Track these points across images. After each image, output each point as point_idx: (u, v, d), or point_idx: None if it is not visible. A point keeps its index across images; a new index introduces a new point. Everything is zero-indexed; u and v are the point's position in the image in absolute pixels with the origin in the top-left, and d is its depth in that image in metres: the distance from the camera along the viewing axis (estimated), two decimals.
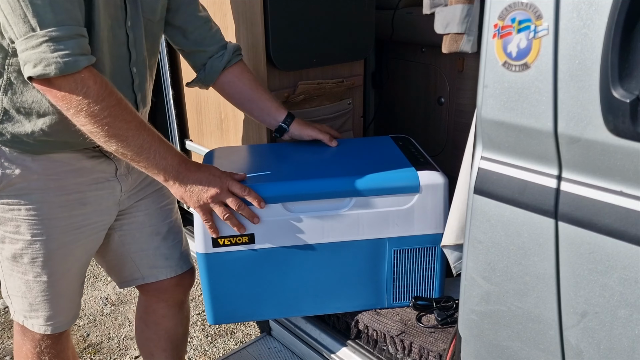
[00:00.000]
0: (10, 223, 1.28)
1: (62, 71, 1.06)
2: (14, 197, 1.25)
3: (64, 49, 1.06)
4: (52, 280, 1.34)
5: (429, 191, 1.38)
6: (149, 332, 1.66)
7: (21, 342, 1.46)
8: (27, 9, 1.03)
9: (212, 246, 1.37)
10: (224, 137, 2.00)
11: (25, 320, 1.40)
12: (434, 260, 1.46)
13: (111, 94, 1.13)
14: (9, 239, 1.30)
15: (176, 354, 1.69)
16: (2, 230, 1.29)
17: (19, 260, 1.31)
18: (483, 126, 0.96)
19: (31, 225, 1.28)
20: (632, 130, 0.76)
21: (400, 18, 2.17)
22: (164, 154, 1.20)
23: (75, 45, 1.07)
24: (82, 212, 1.33)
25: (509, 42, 0.87)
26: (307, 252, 1.41)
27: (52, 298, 1.36)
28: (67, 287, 1.40)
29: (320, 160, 1.50)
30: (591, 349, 0.90)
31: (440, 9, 1.41)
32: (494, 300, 1.02)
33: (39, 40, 1.05)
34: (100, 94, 1.10)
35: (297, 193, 1.36)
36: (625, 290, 0.83)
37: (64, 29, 1.06)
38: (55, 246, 1.31)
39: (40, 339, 1.42)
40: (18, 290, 1.36)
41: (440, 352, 1.37)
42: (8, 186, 1.24)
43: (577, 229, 0.86)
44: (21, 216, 1.27)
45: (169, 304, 1.60)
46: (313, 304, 1.49)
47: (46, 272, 1.33)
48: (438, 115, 2.20)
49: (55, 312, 1.39)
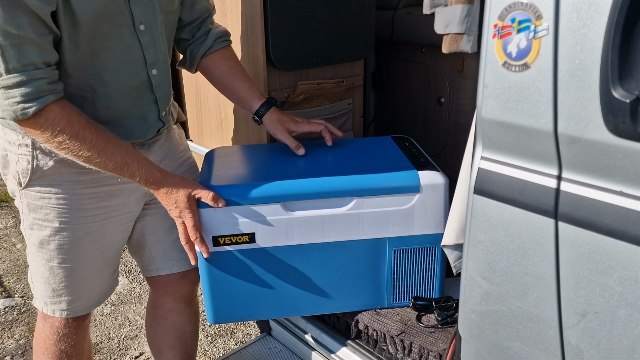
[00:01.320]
0: (40, 210, 1.33)
1: (12, 119, 1.15)
2: (46, 186, 1.31)
3: (12, 97, 1.13)
4: (76, 266, 1.39)
5: (430, 191, 1.39)
6: (157, 327, 1.67)
7: (41, 328, 1.50)
8: None
9: (212, 245, 1.38)
10: (224, 137, 2.00)
11: (45, 306, 1.44)
12: (434, 260, 1.46)
13: (68, 126, 1.18)
14: (37, 226, 1.35)
15: (185, 352, 1.69)
16: (31, 217, 1.35)
17: (45, 247, 1.36)
18: (483, 126, 0.96)
19: (60, 214, 1.33)
20: (632, 130, 0.76)
21: (400, 18, 2.16)
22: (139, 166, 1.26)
23: (25, 91, 1.12)
24: (110, 204, 1.39)
25: (509, 42, 0.87)
26: (307, 251, 1.41)
27: (75, 284, 1.41)
28: (91, 274, 1.43)
29: (320, 160, 1.50)
30: (591, 349, 0.90)
31: (440, 9, 1.41)
32: (494, 300, 1.02)
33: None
34: (54, 130, 1.17)
35: (298, 192, 1.36)
36: (625, 290, 0.83)
37: (13, 78, 1.11)
38: (81, 234, 1.36)
39: (60, 326, 1.47)
40: (41, 276, 1.40)
41: (440, 352, 1.37)
42: (41, 177, 1.30)
43: (577, 229, 0.86)
44: (51, 204, 1.32)
45: (175, 298, 1.62)
46: (313, 303, 1.49)
47: (71, 258, 1.37)
48: (438, 116, 2.19)
49: (77, 297, 1.43)
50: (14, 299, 2.61)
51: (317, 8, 1.75)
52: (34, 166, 1.29)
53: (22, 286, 2.71)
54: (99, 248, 1.41)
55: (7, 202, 3.58)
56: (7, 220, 3.34)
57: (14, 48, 1.09)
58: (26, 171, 1.30)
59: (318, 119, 1.61)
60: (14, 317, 2.47)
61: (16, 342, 2.30)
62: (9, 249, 3.04)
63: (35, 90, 1.13)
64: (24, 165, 1.30)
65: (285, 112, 1.57)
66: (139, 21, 1.28)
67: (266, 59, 1.71)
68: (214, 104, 2.00)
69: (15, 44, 1.09)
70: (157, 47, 1.34)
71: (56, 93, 1.17)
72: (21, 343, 2.30)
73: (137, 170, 1.26)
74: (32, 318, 2.46)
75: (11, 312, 2.50)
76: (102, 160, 1.22)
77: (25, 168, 1.30)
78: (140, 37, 1.29)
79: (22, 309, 2.53)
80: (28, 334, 2.35)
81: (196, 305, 1.71)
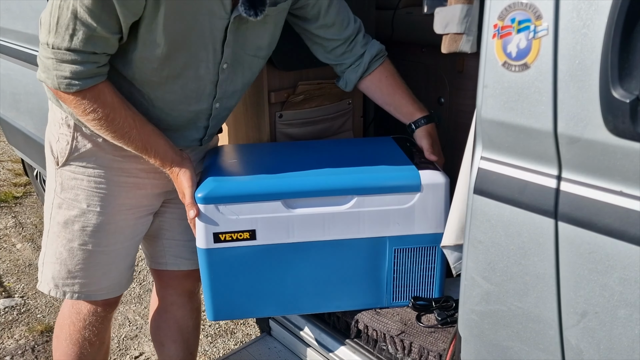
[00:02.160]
0: (72, 191, 1.38)
1: (54, 88, 1.19)
2: (81, 167, 1.37)
3: (62, 70, 1.16)
4: (96, 251, 1.42)
5: (430, 190, 1.39)
6: (159, 321, 1.69)
7: (67, 314, 1.53)
8: (54, 22, 1.13)
9: (213, 242, 1.38)
10: (224, 137, 2.00)
11: (55, 288, 1.45)
12: (434, 260, 1.46)
13: (101, 108, 1.22)
14: (66, 205, 1.39)
15: (186, 347, 1.70)
16: (62, 196, 1.39)
17: (70, 227, 1.40)
18: (483, 126, 0.96)
19: (89, 196, 1.38)
20: (632, 130, 0.76)
21: (400, 18, 2.16)
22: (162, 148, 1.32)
23: (75, 70, 1.16)
24: (136, 195, 1.44)
25: (508, 42, 0.87)
26: (307, 249, 1.41)
27: (91, 268, 1.44)
28: (108, 262, 1.45)
29: (321, 159, 1.50)
30: (591, 349, 0.90)
31: (439, 9, 1.41)
32: (494, 300, 1.02)
33: (49, 54, 1.16)
34: (88, 108, 1.21)
35: (299, 190, 1.36)
36: (625, 290, 0.83)
37: (71, 55, 1.15)
38: (106, 220, 1.40)
39: (87, 313, 1.50)
40: (58, 257, 1.43)
41: (440, 352, 1.37)
42: (78, 158, 1.36)
43: (577, 229, 0.86)
44: (82, 186, 1.38)
45: (177, 292, 1.65)
46: (313, 301, 1.49)
47: (92, 242, 1.41)
48: (438, 115, 2.19)
49: (90, 282, 1.46)
50: (14, 299, 2.61)
51: None
52: (72, 146, 1.35)
53: (22, 286, 2.71)
54: (120, 236, 1.45)
55: (7, 202, 3.58)
56: (7, 221, 3.34)
57: (85, 35, 1.13)
58: (64, 151, 1.36)
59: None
60: (14, 317, 2.47)
61: (16, 342, 2.30)
62: (9, 249, 3.04)
63: (86, 71, 1.17)
64: (63, 144, 1.36)
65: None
66: (225, 60, 1.31)
67: None
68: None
69: (87, 33, 1.13)
70: (232, 84, 1.37)
71: (102, 76, 1.21)
72: (21, 343, 2.30)
73: (155, 155, 1.31)
74: (32, 318, 2.47)
75: (11, 312, 2.50)
76: (125, 142, 1.28)
77: (64, 147, 1.36)
78: (220, 73, 1.32)
79: (22, 309, 2.53)
80: (28, 334, 2.35)
81: (198, 301, 1.72)
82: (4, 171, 4.10)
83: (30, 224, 3.30)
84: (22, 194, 3.66)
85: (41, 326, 2.39)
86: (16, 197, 3.65)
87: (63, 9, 1.11)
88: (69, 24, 1.12)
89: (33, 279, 2.74)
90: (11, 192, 3.71)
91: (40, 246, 3.00)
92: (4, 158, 4.34)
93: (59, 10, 1.11)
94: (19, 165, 3.96)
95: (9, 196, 3.64)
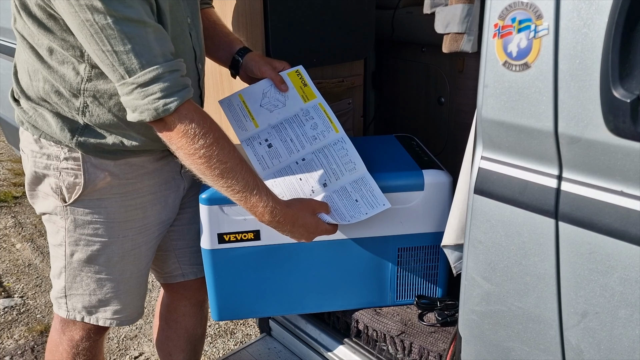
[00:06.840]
0: (89, 226, 1.29)
1: (154, 117, 1.07)
2: (96, 200, 1.27)
3: (152, 94, 1.05)
4: (124, 277, 1.37)
5: (434, 190, 1.39)
6: (169, 331, 1.66)
7: (58, 342, 1.46)
8: (112, 58, 1.03)
9: (217, 242, 1.38)
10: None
11: (88, 316, 1.39)
12: (438, 258, 1.46)
13: (210, 130, 1.11)
14: (84, 242, 1.30)
15: (194, 354, 1.69)
16: (78, 233, 1.29)
17: (94, 261, 1.32)
18: (483, 126, 0.96)
19: (109, 229, 1.30)
20: (632, 130, 0.76)
21: (400, 18, 2.16)
22: (265, 192, 1.18)
23: (164, 86, 1.06)
24: (153, 212, 1.36)
25: (509, 42, 0.87)
26: (311, 249, 1.42)
27: (122, 295, 1.38)
28: (136, 284, 1.41)
29: None
30: (592, 349, 0.90)
31: (440, 8, 1.41)
32: (494, 300, 1.02)
33: (130, 88, 1.06)
34: (198, 132, 1.09)
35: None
36: (626, 290, 0.83)
37: (150, 72, 1.05)
38: (130, 246, 1.34)
39: (80, 339, 1.43)
40: (86, 288, 1.36)
41: (440, 352, 1.37)
42: (92, 191, 1.26)
43: (577, 229, 0.86)
44: (101, 220, 1.28)
45: (191, 302, 1.61)
46: (317, 301, 1.49)
47: (119, 269, 1.35)
48: (438, 115, 2.19)
49: (124, 307, 1.41)
50: (14, 299, 2.60)
51: (317, 8, 1.75)
52: (85, 180, 1.24)
53: (21, 286, 2.70)
54: (144, 258, 1.40)
55: (6, 202, 3.57)
56: (6, 221, 3.34)
57: (140, 39, 1.03)
58: (73, 186, 1.24)
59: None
60: (14, 318, 2.47)
61: (15, 343, 2.30)
62: (9, 249, 3.04)
63: (174, 83, 1.07)
64: (69, 180, 1.24)
65: None
66: (186, 14, 1.25)
67: None
68: (214, 104, 2.00)
69: (139, 34, 1.03)
70: (199, 40, 1.31)
71: (190, 89, 1.11)
72: (20, 343, 2.30)
73: (265, 196, 1.17)
74: (32, 318, 2.46)
75: (10, 313, 2.50)
76: (234, 176, 1.13)
77: (71, 183, 1.24)
78: (190, 30, 1.27)
79: (22, 309, 2.53)
80: (27, 334, 2.35)
81: (207, 309, 1.70)
82: (4, 171, 4.10)
83: (29, 224, 3.29)
84: (22, 193, 3.66)
85: (41, 326, 2.39)
86: (16, 197, 3.64)
87: (105, 29, 1.01)
88: (120, 38, 1.02)
89: (32, 279, 2.74)
90: (11, 192, 3.71)
91: (39, 246, 3.00)
92: (4, 158, 4.34)
93: (103, 36, 1.02)
94: (19, 165, 3.96)
95: (9, 196, 3.64)
